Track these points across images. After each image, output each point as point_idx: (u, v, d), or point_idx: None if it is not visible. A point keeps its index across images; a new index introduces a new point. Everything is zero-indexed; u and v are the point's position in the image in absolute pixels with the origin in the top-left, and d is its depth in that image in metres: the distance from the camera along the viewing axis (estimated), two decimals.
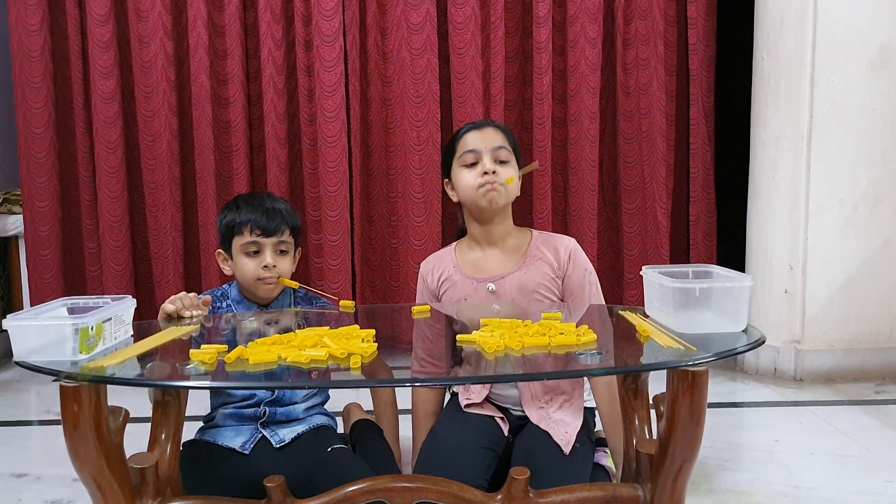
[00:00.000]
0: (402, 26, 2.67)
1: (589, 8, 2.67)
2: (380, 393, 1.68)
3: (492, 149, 1.50)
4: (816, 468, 1.77)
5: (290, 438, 1.46)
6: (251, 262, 1.53)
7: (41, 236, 2.70)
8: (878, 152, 2.41)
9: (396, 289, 2.78)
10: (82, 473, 1.05)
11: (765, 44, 2.52)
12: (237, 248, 1.55)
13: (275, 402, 1.51)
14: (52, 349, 1.05)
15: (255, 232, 1.52)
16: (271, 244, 1.54)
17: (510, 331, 1.16)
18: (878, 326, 2.49)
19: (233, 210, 1.57)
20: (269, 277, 1.53)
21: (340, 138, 2.67)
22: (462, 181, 1.51)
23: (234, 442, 1.45)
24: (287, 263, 1.57)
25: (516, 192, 1.54)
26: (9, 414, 2.34)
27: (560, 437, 1.41)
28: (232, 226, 1.55)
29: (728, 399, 2.37)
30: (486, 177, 1.47)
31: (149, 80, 2.68)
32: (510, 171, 1.51)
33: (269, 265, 1.52)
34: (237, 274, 1.57)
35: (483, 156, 1.50)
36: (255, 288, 1.54)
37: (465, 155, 1.51)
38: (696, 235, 2.79)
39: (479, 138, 1.51)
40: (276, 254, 1.55)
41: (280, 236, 1.55)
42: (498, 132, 1.54)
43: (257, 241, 1.53)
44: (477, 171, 1.49)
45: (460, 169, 1.52)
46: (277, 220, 1.54)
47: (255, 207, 1.55)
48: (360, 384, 1.27)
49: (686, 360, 1.02)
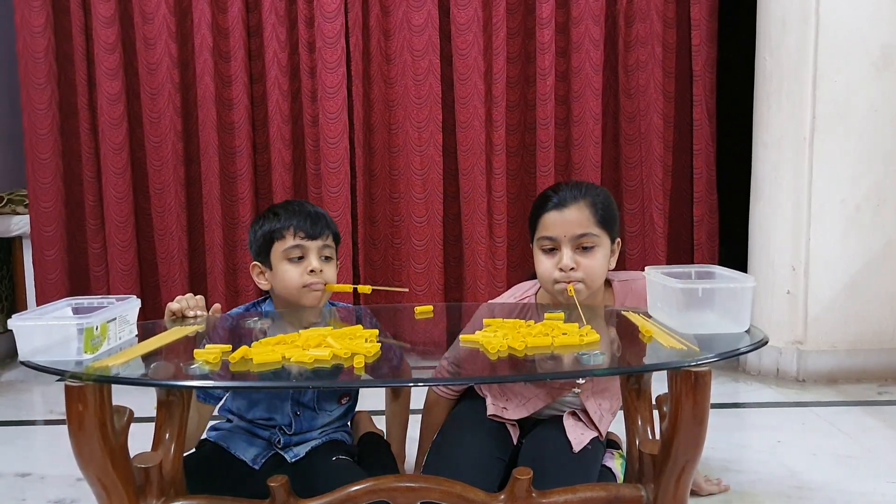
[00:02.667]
0: (405, 28, 2.67)
1: (592, 10, 2.68)
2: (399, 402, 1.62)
3: (572, 237, 1.36)
4: (819, 469, 1.77)
5: (304, 453, 1.43)
6: (295, 269, 1.44)
7: (46, 237, 2.71)
8: (880, 153, 2.41)
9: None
10: (86, 473, 1.05)
11: (767, 45, 2.52)
12: (278, 254, 1.45)
13: (292, 433, 1.46)
14: (56, 349, 1.06)
15: (300, 235, 1.44)
16: (316, 248, 1.45)
17: (513, 331, 1.16)
18: (881, 327, 2.49)
19: (270, 219, 1.48)
20: (315, 283, 1.43)
21: (343, 139, 2.68)
22: (539, 266, 1.41)
23: (246, 454, 1.43)
24: (332, 270, 1.48)
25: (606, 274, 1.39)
26: (13, 413, 2.34)
27: (575, 436, 1.39)
28: (272, 231, 1.45)
29: (731, 400, 2.37)
30: (562, 274, 1.35)
31: (154, 82, 2.69)
32: (595, 261, 1.36)
33: (315, 269, 1.43)
34: (279, 284, 1.46)
35: (562, 246, 1.37)
36: (300, 297, 1.44)
37: (543, 240, 1.39)
38: (699, 236, 2.79)
39: (559, 223, 1.37)
40: (320, 259, 1.45)
41: (325, 240, 1.46)
42: (584, 211, 1.37)
43: (302, 244, 1.44)
44: (554, 261, 1.37)
45: (538, 250, 1.41)
46: (322, 224, 1.46)
47: (297, 212, 1.47)
48: (361, 384, 1.27)
49: (689, 361, 1.02)
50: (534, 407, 1.48)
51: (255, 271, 1.51)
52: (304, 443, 1.46)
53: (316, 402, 1.46)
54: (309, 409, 1.46)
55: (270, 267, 1.47)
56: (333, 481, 1.22)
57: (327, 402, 1.48)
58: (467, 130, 2.70)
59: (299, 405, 1.45)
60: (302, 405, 1.45)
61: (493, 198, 2.72)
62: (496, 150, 2.71)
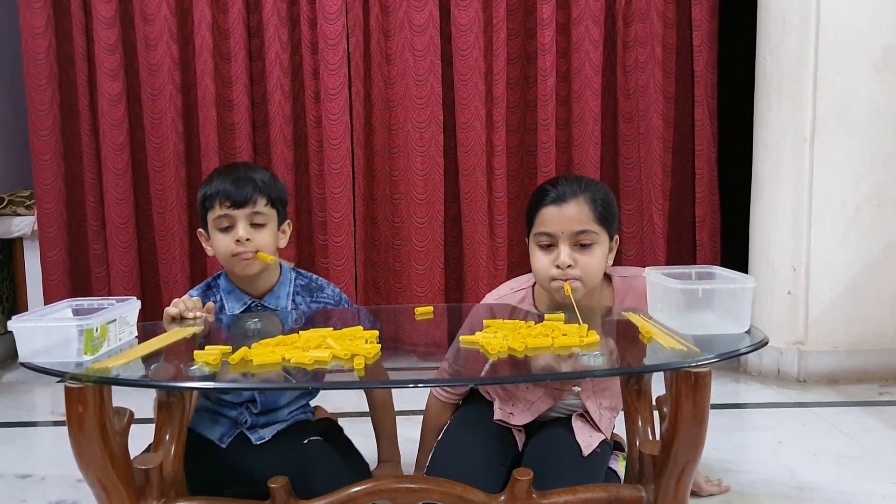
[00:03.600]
0: (405, 28, 2.67)
1: (592, 10, 2.67)
2: (375, 395, 1.58)
3: (571, 234, 1.32)
4: (820, 469, 1.77)
5: (270, 436, 1.44)
6: (224, 238, 1.42)
7: (47, 237, 2.71)
8: (880, 154, 2.40)
9: (400, 290, 2.78)
10: (87, 474, 1.05)
11: (767, 45, 2.52)
12: (211, 224, 1.44)
13: (258, 411, 1.46)
14: (56, 350, 1.06)
15: (225, 204, 1.41)
16: (244, 216, 1.41)
17: (513, 332, 1.16)
18: (882, 328, 2.48)
19: (206, 184, 1.46)
20: (243, 252, 1.41)
21: (344, 140, 2.68)
22: (535, 262, 1.37)
23: (212, 433, 1.43)
24: (265, 237, 1.44)
25: (603, 271, 1.37)
26: (14, 415, 2.34)
27: (584, 439, 1.39)
28: (204, 200, 1.44)
29: (731, 400, 2.36)
30: (559, 272, 1.32)
31: (155, 83, 2.69)
32: (593, 259, 1.33)
33: (241, 238, 1.40)
34: (216, 254, 1.46)
35: (559, 242, 1.33)
36: (231, 265, 1.44)
37: (541, 235, 1.35)
38: (701, 236, 2.79)
39: (557, 219, 1.33)
40: (250, 227, 1.42)
41: (253, 207, 1.42)
42: (583, 207, 1.33)
43: (228, 213, 1.41)
44: (551, 258, 1.33)
45: (535, 245, 1.37)
46: (248, 189, 1.41)
47: (225, 178, 1.43)
48: (360, 385, 1.27)
49: (689, 362, 1.02)
50: (538, 410, 1.47)
51: (201, 238, 1.51)
52: (270, 425, 1.46)
53: None
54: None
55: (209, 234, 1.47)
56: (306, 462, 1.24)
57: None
58: (468, 131, 2.70)
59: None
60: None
61: (494, 198, 2.72)
62: (497, 151, 2.71)
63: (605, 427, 1.46)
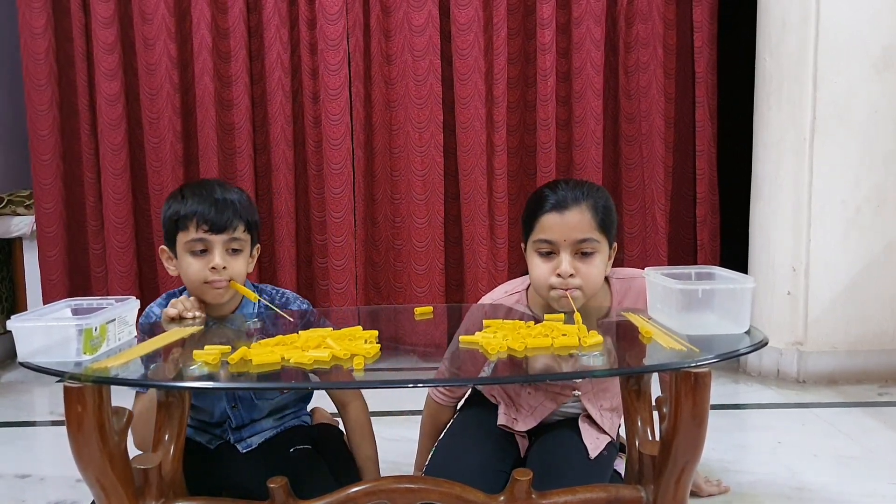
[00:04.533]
0: (405, 28, 2.67)
1: (594, 10, 2.67)
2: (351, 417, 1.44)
3: (573, 242, 1.29)
4: (819, 470, 1.77)
5: (257, 444, 1.40)
6: (197, 263, 1.32)
7: (47, 237, 2.71)
8: (880, 154, 2.40)
9: (400, 290, 2.78)
10: (86, 474, 1.05)
11: (767, 45, 2.52)
12: (182, 245, 1.33)
13: (238, 428, 1.40)
14: (56, 350, 1.06)
15: (202, 227, 1.31)
16: (221, 242, 1.33)
17: (512, 332, 1.16)
18: (881, 328, 2.48)
19: (178, 200, 1.34)
20: (217, 281, 1.32)
21: (344, 140, 2.68)
22: (534, 270, 1.33)
23: (201, 437, 1.41)
24: (240, 264, 1.36)
25: (601, 281, 1.34)
26: (13, 415, 2.34)
27: (591, 441, 1.38)
28: (176, 219, 1.33)
29: (731, 401, 2.36)
30: (560, 281, 1.29)
31: (153, 83, 2.69)
32: (594, 268, 1.30)
33: (217, 266, 1.31)
34: (182, 275, 1.36)
35: (561, 250, 1.30)
36: (202, 292, 1.34)
37: (541, 243, 1.32)
38: (702, 237, 2.79)
39: (558, 226, 1.30)
40: (226, 253, 1.33)
41: (232, 233, 1.33)
42: (585, 215, 1.30)
43: (205, 238, 1.32)
44: (552, 265, 1.30)
45: (534, 253, 1.33)
46: (229, 214, 1.32)
47: (203, 199, 1.32)
48: (359, 385, 1.27)
49: (689, 362, 1.02)
50: (541, 415, 1.46)
51: (163, 256, 1.40)
52: (257, 434, 1.42)
53: (252, 392, 1.38)
54: (246, 401, 1.40)
55: (176, 255, 1.37)
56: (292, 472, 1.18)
57: (265, 391, 1.40)
58: (468, 131, 2.70)
59: (234, 397, 1.39)
60: (238, 397, 1.39)
61: (494, 199, 2.72)
62: (497, 151, 2.71)
63: (608, 428, 1.46)
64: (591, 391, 1.46)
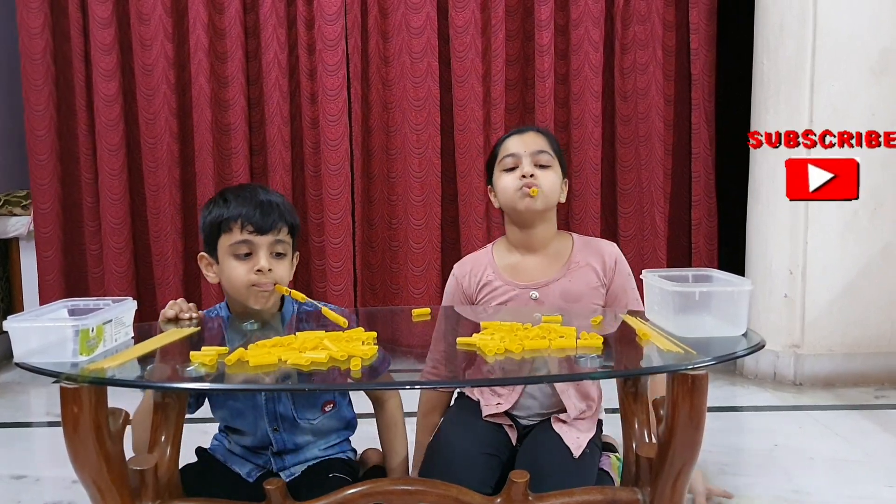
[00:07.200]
0: (403, 30, 2.67)
1: (592, 11, 2.68)
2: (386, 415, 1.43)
3: (532, 152, 1.47)
4: (816, 473, 1.77)
5: (300, 472, 1.37)
6: (242, 266, 1.30)
7: (44, 237, 2.71)
8: (877, 158, 2.41)
9: (397, 291, 2.78)
10: (82, 475, 1.05)
11: (765, 49, 2.52)
12: (225, 249, 1.31)
13: (280, 454, 1.38)
14: (52, 351, 1.05)
15: (247, 229, 1.29)
16: (266, 244, 1.31)
17: (510, 334, 1.16)
18: (878, 331, 2.49)
19: (219, 204, 1.32)
20: (264, 284, 1.30)
21: (343, 142, 2.68)
22: (501, 185, 1.49)
23: (241, 468, 1.39)
24: (284, 268, 1.34)
25: (559, 196, 1.50)
26: (9, 415, 2.34)
27: (572, 441, 1.40)
28: (219, 222, 1.31)
29: (727, 403, 2.37)
30: (524, 180, 1.44)
31: (150, 83, 2.68)
32: (551, 176, 1.47)
33: (263, 269, 1.29)
34: (224, 281, 1.34)
35: (522, 159, 1.47)
36: (246, 297, 1.32)
37: (506, 159, 1.49)
38: (697, 240, 2.79)
39: (519, 142, 1.49)
40: (271, 256, 1.32)
41: (276, 234, 1.32)
42: (540, 136, 1.51)
43: (249, 239, 1.30)
44: (516, 174, 1.47)
45: (500, 173, 1.50)
46: (274, 216, 1.31)
47: (247, 200, 1.31)
48: (358, 386, 1.26)
49: (686, 364, 1.02)
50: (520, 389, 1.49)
51: (202, 262, 1.38)
52: (301, 463, 1.39)
53: (294, 410, 1.36)
54: (287, 421, 1.37)
55: (218, 259, 1.34)
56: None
57: (307, 410, 1.38)
58: (465, 133, 2.70)
59: (276, 418, 1.36)
60: (280, 417, 1.36)
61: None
62: None
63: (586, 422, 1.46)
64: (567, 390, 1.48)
